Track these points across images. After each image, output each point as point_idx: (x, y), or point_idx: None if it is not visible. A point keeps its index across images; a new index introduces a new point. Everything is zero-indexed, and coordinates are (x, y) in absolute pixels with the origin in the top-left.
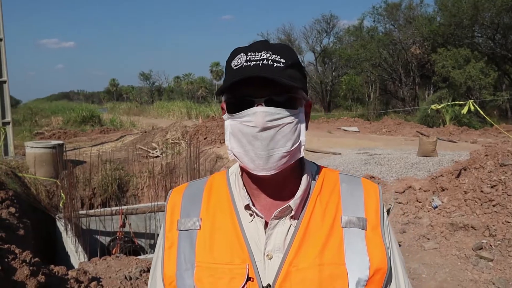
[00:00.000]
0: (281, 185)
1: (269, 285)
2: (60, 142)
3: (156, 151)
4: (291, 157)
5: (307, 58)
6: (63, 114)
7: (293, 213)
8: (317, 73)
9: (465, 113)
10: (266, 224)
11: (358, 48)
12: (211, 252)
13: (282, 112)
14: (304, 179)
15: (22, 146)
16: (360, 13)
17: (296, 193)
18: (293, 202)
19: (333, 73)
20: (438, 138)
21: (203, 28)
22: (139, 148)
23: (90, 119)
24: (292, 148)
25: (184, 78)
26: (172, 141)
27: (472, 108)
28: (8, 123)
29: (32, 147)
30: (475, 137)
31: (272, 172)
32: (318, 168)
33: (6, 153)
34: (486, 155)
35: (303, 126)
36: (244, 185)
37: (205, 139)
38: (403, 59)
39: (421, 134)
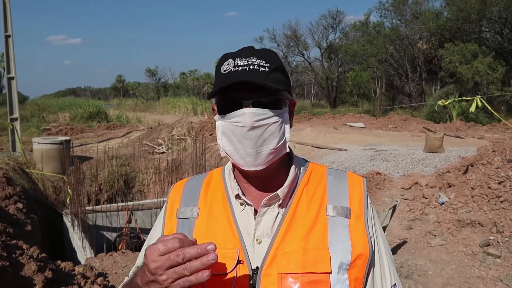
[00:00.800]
0: (270, 178)
1: (257, 267)
2: (67, 138)
3: (162, 147)
4: (277, 153)
5: (313, 53)
6: (70, 110)
7: (280, 201)
8: (323, 68)
9: (473, 111)
10: (256, 212)
11: (365, 44)
12: (206, 238)
13: (268, 112)
14: (292, 170)
15: (29, 142)
16: (366, 8)
17: (283, 185)
18: (281, 191)
19: (339, 69)
20: (445, 134)
21: (208, 25)
22: (145, 144)
23: (96, 115)
24: (278, 145)
25: (190, 74)
26: (178, 137)
27: (479, 103)
28: (16, 119)
29: (39, 143)
30: (482, 132)
31: (261, 168)
32: (307, 163)
33: (14, 149)
34: (494, 151)
35: (287, 124)
36: (236, 179)
37: (210, 135)
38: (410, 55)
39: (428, 130)
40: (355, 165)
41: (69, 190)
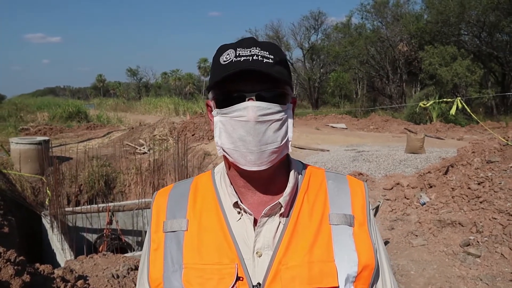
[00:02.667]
0: (269, 182)
1: (259, 283)
2: (46, 138)
3: (144, 148)
4: (280, 152)
5: (295, 54)
6: (49, 109)
7: (282, 210)
8: (305, 69)
9: (453, 113)
10: (255, 221)
11: (346, 45)
12: (199, 253)
13: (273, 107)
14: (292, 176)
15: (7, 142)
16: (348, 10)
17: (283, 190)
18: (283, 199)
19: (321, 70)
20: (426, 135)
21: (190, 24)
22: (126, 144)
23: (76, 115)
24: (282, 144)
25: (172, 74)
26: (160, 138)
27: (460, 105)
28: None
29: (17, 143)
30: (462, 134)
31: (263, 167)
32: (304, 166)
33: None
34: (473, 152)
35: (291, 122)
36: (232, 184)
37: (193, 135)
38: (391, 56)
39: (409, 131)
40: (338, 165)
41: (48, 191)
